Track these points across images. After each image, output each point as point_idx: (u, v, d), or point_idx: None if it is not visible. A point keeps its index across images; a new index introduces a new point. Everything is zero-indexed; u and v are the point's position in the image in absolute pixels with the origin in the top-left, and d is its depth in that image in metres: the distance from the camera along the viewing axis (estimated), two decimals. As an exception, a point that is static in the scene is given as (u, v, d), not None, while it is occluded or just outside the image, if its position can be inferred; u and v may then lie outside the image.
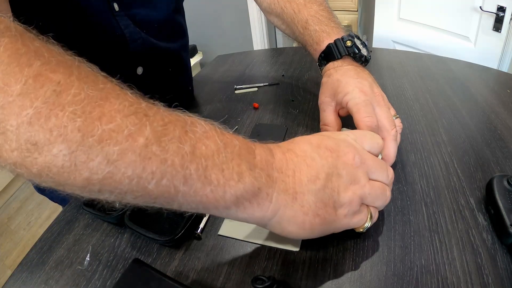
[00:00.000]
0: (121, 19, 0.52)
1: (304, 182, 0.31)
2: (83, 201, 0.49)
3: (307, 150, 0.33)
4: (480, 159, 0.52)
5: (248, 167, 0.28)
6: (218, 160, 0.26)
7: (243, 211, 0.29)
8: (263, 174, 0.29)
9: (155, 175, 0.24)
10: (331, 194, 0.32)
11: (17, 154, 0.22)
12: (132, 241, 0.45)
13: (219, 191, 0.27)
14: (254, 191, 0.29)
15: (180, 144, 0.24)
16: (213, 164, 0.26)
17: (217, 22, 2.50)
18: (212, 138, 0.27)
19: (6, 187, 2.02)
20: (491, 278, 0.35)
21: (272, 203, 0.30)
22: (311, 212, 0.32)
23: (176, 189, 0.25)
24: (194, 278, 0.39)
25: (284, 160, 0.32)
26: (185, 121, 0.26)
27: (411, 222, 0.43)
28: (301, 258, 0.40)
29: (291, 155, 0.32)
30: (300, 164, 0.32)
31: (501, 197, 0.40)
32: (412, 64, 0.85)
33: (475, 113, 0.64)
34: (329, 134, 0.37)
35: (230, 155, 0.27)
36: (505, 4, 1.25)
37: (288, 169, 0.31)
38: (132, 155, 0.23)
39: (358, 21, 3.14)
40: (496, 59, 1.38)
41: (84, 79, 0.23)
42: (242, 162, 0.28)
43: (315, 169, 0.32)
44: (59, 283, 0.41)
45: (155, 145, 0.23)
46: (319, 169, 0.32)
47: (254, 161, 0.29)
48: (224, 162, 0.27)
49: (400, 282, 0.36)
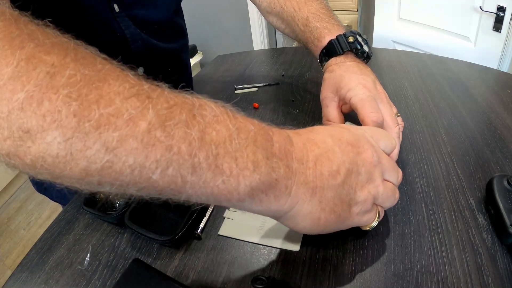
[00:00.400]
0: (121, 20, 0.52)
1: (325, 176, 0.29)
2: (83, 201, 0.49)
3: (329, 142, 0.31)
4: (480, 159, 0.52)
5: (265, 156, 0.26)
6: (231, 147, 0.24)
7: (259, 203, 0.27)
8: (281, 165, 0.27)
9: (160, 163, 0.22)
10: (349, 191, 0.31)
11: (10, 143, 0.20)
12: (132, 241, 0.45)
13: (232, 182, 0.24)
14: (271, 182, 0.26)
15: (187, 129, 0.22)
16: (225, 151, 0.24)
17: (217, 22, 2.50)
18: (224, 123, 0.24)
19: (6, 187, 2.02)
20: (491, 278, 0.35)
21: (290, 197, 0.28)
22: (328, 208, 0.30)
23: (183, 180, 0.23)
24: (194, 278, 0.39)
25: (304, 151, 0.29)
26: (192, 104, 0.24)
27: (411, 222, 0.43)
28: (301, 258, 0.40)
29: (312, 146, 0.30)
30: (322, 157, 0.30)
31: (501, 197, 0.40)
32: (412, 64, 0.85)
33: (475, 113, 0.64)
34: (348, 127, 0.35)
35: (244, 141, 0.25)
36: (505, 4, 1.25)
37: (309, 160, 0.29)
38: (134, 141, 0.21)
39: (358, 21, 3.14)
40: (496, 59, 1.38)
41: (80, 60, 0.22)
42: (258, 149, 0.25)
43: (336, 164, 0.30)
44: (59, 283, 0.41)
45: (159, 130, 0.21)
46: (340, 164, 0.30)
47: (271, 149, 0.26)
48: (238, 149, 0.24)
49: (400, 282, 0.36)
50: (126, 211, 0.46)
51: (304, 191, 0.29)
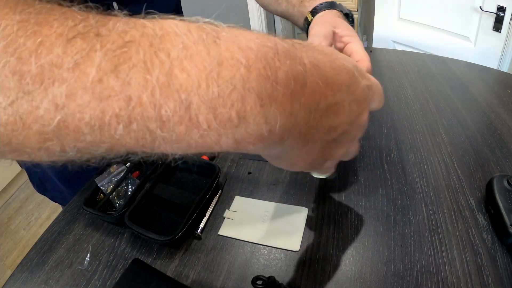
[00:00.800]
0: None
1: (323, 131, 0.25)
2: (83, 201, 0.49)
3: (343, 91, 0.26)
4: (480, 159, 0.52)
5: (260, 102, 0.19)
6: (207, 94, 0.18)
7: (244, 150, 0.22)
8: (281, 113, 0.20)
9: (121, 118, 0.18)
10: (334, 147, 0.29)
11: None
12: (132, 241, 0.45)
13: (212, 136, 0.19)
14: (262, 134, 0.20)
15: (147, 74, 0.18)
16: (199, 100, 0.18)
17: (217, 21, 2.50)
18: (198, 56, 0.18)
19: (6, 187, 2.02)
20: (491, 278, 0.35)
21: (282, 147, 0.24)
22: (310, 159, 0.28)
23: (152, 135, 0.19)
24: (194, 278, 0.39)
25: (317, 96, 0.23)
26: (154, 34, 0.18)
27: (411, 222, 0.43)
28: (301, 258, 0.40)
29: (328, 91, 0.24)
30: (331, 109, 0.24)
31: (501, 197, 0.40)
32: (412, 64, 0.85)
33: (475, 113, 0.64)
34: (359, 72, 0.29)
35: (228, 84, 0.18)
36: (505, 4, 1.25)
37: (318, 110, 0.23)
38: (84, 94, 0.17)
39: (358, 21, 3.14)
40: (496, 59, 1.38)
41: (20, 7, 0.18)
42: (248, 94, 0.19)
43: (339, 121, 0.26)
44: (59, 283, 0.41)
45: (112, 78, 0.17)
46: (342, 122, 0.26)
47: (272, 92, 0.19)
48: (217, 96, 0.18)
49: (400, 282, 0.36)
50: (126, 211, 0.46)
51: (297, 142, 0.24)
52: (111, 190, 0.52)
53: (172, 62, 0.18)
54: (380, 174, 0.51)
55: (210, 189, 0.48)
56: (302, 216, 0.46)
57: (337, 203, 0.47)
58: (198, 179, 0.54)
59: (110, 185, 0.53)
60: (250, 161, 0.57)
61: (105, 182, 0.54)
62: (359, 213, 0.45)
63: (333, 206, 0.47)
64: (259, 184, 0.52)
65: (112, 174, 0.55)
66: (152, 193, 0.50)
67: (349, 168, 0.53)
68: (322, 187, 0.50)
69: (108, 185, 0.54)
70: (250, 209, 0.48)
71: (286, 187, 0.51)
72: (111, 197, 0.52)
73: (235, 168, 0.56)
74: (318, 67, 0.23)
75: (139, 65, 0.17)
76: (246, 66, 0.19)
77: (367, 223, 0.43)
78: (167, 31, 0.19)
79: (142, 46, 0.18)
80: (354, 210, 0.46)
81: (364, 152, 0.56)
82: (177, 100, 0.18)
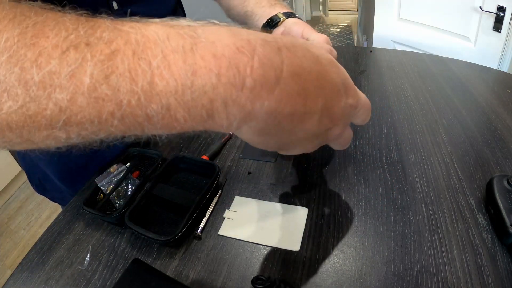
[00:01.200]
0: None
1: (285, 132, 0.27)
2: (83, 201, 0.49)
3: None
4: (480, 159, 0.52)
5: (224, 105, 0.22)
6: (183, 98, 0.21)
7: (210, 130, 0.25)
8: (241, 113, 0.23)
9: (115, 115, 0.21)
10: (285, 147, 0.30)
11: None
12: (132, 241, 0.45)
13: (187, 127, 0.23)
14: (222, 126, 0.24)
15: (132, 83, 0.20)
16: (176, 102, 0.21)
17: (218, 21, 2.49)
18: (175, 65, 0.21)
19: (6, 187, 2.02)
20: (491, 278, 0.35)
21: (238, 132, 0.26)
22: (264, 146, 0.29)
23: (141, 126, 0.22)
24: (194, 278, 0.39)
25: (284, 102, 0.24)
26: (136, 43, 0.21)
27: (411, 222, 0.43)
28: (301, 258, 0.40)
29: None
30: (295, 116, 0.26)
31: (501, 197, 0.40)
32: (412, 64, 0.85)
33: (475, 113, 0.64)
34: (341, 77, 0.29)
35: (200, 91, 0.21)
36: (505, 4, 1.25)
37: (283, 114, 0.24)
38: (83, 99, 0.20)
39: (358, 21, 3.14)
40: (496, 59, 1.38)
41: (18, 18, 0.20)
42: (216, 99, 0.22)
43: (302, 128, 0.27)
44: (59, 283, 0.41)
45: (104, 85, 0.20)
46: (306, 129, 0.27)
47: (236, 98, 0.22)
48: (191, 99, 0.21)
49: (400, 282, 0.36)
50: (126, 211, 0.46)
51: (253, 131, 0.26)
52: (111, 190, 0.52)
53: (153, 71, 0.21)
54: (380, 174, 0.51)
55: (210, 189, 0.48)
56: (302, 216, 0.46)
57: (337, 203, 0.47)
58: (198, 179, 0.54)
59: (110, 185, 0.53)
60: (250, 161, 0.57)
61: (105, 182, 0.54)
62: (359, 213, 0.45)
63: (333, 206, 0.47)
64: (259, 184, 0.52)
65: (112, 174, 0.55)
66: (152, 193, 0.50)
67: (349, 168, 0.53)
68: (322, 187, 0.50)
69: (108, 185, 0.54)
70: (250, 209, 0.48)
71: (286, 187, 0.51)
72: (111, 197, 0.52)
73: (235, 168, 0.56)
74: (297, 76, 0.24)
75: (125, 74, 0.20)
76: (217, 75, 0.21)
77: (367, 223, 0.43)
78: (148, 38, 0.21)
79: (126, 55, 0.20)
80: (354, 210, 0.46)
81: (364, 152, 0.56)
82: (159, 103, 0.21)
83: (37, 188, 0.74)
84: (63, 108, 0.20)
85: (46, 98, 0.20)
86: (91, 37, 0.20)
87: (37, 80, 0.20)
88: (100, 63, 0.20)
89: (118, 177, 0.54)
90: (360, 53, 0.94)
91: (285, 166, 0.55)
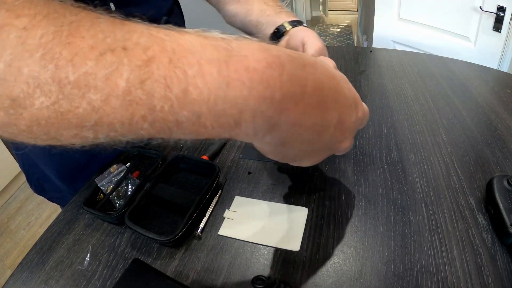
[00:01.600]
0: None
1: (304, 142, 0.28)
2: (83, 201, 0.49)
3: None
4: (480, 159, 0.52)
5: (252, 116, 0.23)
6: (215, 107, 0.22)
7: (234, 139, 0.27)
8: (267, 125, 0.24)
9: (146, 119, 0.22)
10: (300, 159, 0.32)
11: (3, 114, 0.21)
12: (132, 241, 0.45)
13: (214, 133, 0.24)
14: (248, 134, 0.25)
15: (167, 90, 0.21)
16: (207, 111, 0.22)
17: (217, 22, 2.50)
18: (209, 76, 0.21)
19: (6, 187, 2.02)
20: (491, 278, 0.35)
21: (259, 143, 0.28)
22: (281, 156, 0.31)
23: (170, 130, 0.23)
24: (194, 278, 0.39)
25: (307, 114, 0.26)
26: (172, 51, 0.21)
27: (411, 222, 0.43)
28: (301, 258, 0.40)
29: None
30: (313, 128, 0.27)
31: (501, 197, 0.40)
32: (412, 64, 0.85)
33: (475, 113, 0.64)
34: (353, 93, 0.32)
35: (232, 102, 0.22)
36: (505, 4, 1.25)
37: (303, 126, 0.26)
38: (117, 100, 0.21)
39: (358, 21, 3.14)
40: (496, 59, 1.38)
41: (52, 15, 0.20)
42: (246, 110, 0.23)
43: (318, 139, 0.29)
44: (59, 283, 0.41)
45: (139, 90, 0.21)
46: (321, 140, 0.29)
47: (264, 110, 0.23)
48: (222, 109, 0.22)
49: (400, 282, 0.36)
50: (126, 211, 0.46)
51: (276, 142, 0.27)
52: (111, 190, 0.52)
53: (188, 80, 0.21)
54: (380, 174, 0.51)
55: (210, 189, 0.48)
56: (302, 216, 0.46)
57: (337, 203, 0.47)
58: (198, 179, 0.54)
59: (110, 185, 0.53)
60: (250, 161, 0.57)
61: (105, 182, 0.54)
62: (359, 213, 0.45)
63: (333, 206, 0.47)
64: (259, 184, 0.52)
65: (112, 174, 0.55)
66: (152, 193, 0.50)
67: (349, 168, 0.53)
68: (322, 187, 0.50)
69: (108, 185, 0.54)
70: (250, 209, 0.48)
71: (286, 187, 0.51)
72: (111, 197, 0.52)
73: (235, 168, 0.56)
74: (319, 91, 0.26)
75: (160, 80, 0.21)
76: (249, 88, 0.22)
77: (367, 223, 0.43)
78: (184, 47, 0.22)
79: (162, 62, 0.21)
80: (354, 210, 0.46)
81: (364, 152, 0.56)
82: (191, 110, 0.22)
83: (35, 188, 0.74)
84: (95, 108, 0.20)
85: (80, 97, 0.20)
86: (128, 42, 0.21)
87: (72, 79, 0.20)
88: (137, 68, 0.20)
89: (118, 177, 0.54)
90: (360, 53, 0.94)
91: (285, 166, 0.55)
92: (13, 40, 0.20)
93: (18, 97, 0.20)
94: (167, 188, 0.51)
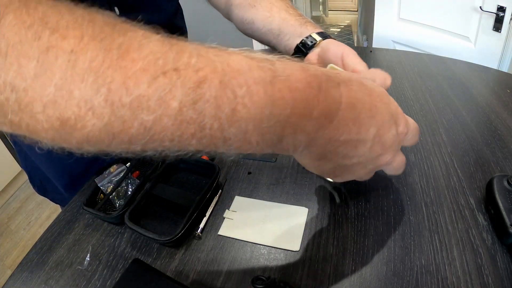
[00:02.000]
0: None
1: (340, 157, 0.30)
2: (83, 201, 0.49)
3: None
4: (480, 159, 0.52)
5: (293, 131, 0.25)
6: (260, 125, 0.23)
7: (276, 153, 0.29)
8: (305, 140, 0.27)
9: (195, 136, 0.23)
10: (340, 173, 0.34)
11: (53, 133, 0.21)
12: (132, 241, 0.45)
13: (259, 149, 0.26)
14: (289, 149, 0.27)
15: (217, 110, 0.22)
16: (253, 128, 0.23)
17: (217, 22, 2.50)
18: (257, 96, 0.23)
19: (6, 187, 2.02)
20: (491, 278, 0.35)
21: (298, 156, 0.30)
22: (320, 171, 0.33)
23: (216, 146, 0.24)
24: (194, 278, 0.39)
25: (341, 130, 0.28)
26: (223, 73, 0.22)
27: (411, 222, 0.43)
28: (301, 258, 0.40)
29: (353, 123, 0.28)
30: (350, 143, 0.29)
31: (501, 197, 0.40)
32: (412, 64, 0.85)
33: (475, 113, 0.64)
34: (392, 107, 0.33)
35: (276, 119, 0.24)
36: (505, 4, 1.25)
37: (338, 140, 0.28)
38: (168, 120, 0.21)
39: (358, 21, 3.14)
40: (496, 59, 1.38)
41: (99, 36, 0.21)
42: (288, 126, 0.25)
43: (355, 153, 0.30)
44: (59, 283, 0.41)
45: (191, 110, 0.21)
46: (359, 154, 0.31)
47: (304, 127, 0.25)
48: (267, 127, 0.24)
49: (400, 282, 0.36)
50: (126, 211, 0.46)
51: (312, 156, 0.30)
52: (111, 190, 0.52)
53: (237, 100, 0.22)
54: (380, 174, 0.51)
55: (210, 189, 0.48)
56: (302, 216, 0.46)
57: (337, 203, 0.47)
58: (198, 179, 0.54)
59: (110, 185, 0.53)
60: (250, 161, 0.57)
61: (105, 182, 0.54)
62: (359, 213, 0.45)
63: (333, 206, 0.47)
64: (259, 184, 0.52)
65: (112, 174, 0.55)
66: (152, 193, 0.50)
67: (349, 168, 0.53)
68: (322, 187, 0.50)
69: (108, 185, 0.54)
70: (250, 209, 0.48)
71: (286, 187, 0.51)
72: (111, 197, 0.52)
73: (235, 168, 0.56)
74: (353, 107, 0.28)
75: (211, 101, 0.22)
76: (292, 107, 0.24)
77: (367, 223, 0.43)
78: (233, 68, 0.23)
79: (213, 83, 0.22)
80: (354, 210, 0.46)
81: (364, 152, 0.56)
82: (238, 128, 0.23)
83: (38, 189, 0.74)
84: (147, 128, 0.21)
85: (133, 118, 0.21)
86: (178, 63, 0.22)
87: (126, 102, 0.20)
88: (189, 90, 0.21)
89: (118, 177, 0.54)
90: (360, 53, 0.94)
91: (285, 166, 0.55)
92: (63, 64, 0.20)
93: (69, 118, 0.20)
94: (167, 188, 0.51)
